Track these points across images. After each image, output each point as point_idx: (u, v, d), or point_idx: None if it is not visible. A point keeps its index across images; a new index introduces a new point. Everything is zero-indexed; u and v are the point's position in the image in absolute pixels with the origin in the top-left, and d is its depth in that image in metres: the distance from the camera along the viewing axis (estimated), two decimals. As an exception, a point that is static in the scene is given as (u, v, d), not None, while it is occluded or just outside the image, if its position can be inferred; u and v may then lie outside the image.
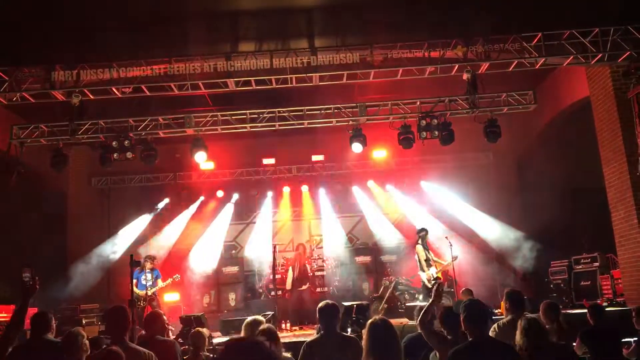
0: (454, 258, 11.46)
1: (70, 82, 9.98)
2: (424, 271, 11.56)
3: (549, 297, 11.41)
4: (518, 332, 4.48)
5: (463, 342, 4.26)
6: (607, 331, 6.24)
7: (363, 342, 3.94)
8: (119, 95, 10.31)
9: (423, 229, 12.03)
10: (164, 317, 6.04)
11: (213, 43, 10.47)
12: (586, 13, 9.65)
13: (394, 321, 9.51)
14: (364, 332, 5.66)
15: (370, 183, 16.46)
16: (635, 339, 6.20)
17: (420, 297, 11.92)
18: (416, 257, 11.83)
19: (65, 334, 5.10)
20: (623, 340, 6.29)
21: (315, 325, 10.57)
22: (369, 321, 4.06)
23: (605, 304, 10.31)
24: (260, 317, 5.40)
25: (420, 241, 11.84)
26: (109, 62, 9.93)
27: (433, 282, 11.32)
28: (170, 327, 10.85)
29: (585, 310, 6.82)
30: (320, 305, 5.10)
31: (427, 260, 11.59)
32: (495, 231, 14.78)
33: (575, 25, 9.65)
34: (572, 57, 9.82)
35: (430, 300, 5.21)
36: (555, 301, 6.70)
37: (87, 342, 5.00)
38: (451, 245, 11.77)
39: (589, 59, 9.82)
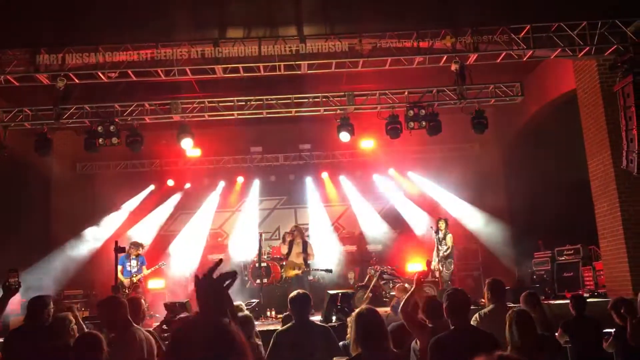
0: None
1: (55, 65, 9.84)
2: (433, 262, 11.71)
3: (532, 288, 11.56)
4: (507, 325, 4.52)
5: (444, 331, 4.30)
6: (589, 322, 6.32)
7: (351, 332, 3.96)
8: (105, 80, 10.20)
9: (438, 220, 12.12)
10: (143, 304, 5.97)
11: (200, 29, 10.36)
12: (575, 6, 9.70)
13: (379, 310, 9.54)
14: (351, 321, 5.70)
15: (358, 172, 16.46)
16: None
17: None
18: None
19: (53, 319, 5.08)
20: (604, 331, 6.37)
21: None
22: (356, 310, 4.08)
23: (586, 295, 10.44)
24: (240, 303, 5.39)
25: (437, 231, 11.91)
26: (95, 45, 9.80)
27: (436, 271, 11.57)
28: (155, 314, 10.86)
29: (567, 301, 6.90)
30: (291, 295, 5.10)
31: (437, 250, 11.70)
32: (480, 222, 14.89)
33: (564, 17, 9.69)
34: (559, 49, 9.86)
35: (412, 289, 5.24)
36: (534, 291, 6.78)
37: (75, 326, 4.99)
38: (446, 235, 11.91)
39: (577, 51, 9.87)
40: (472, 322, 5.23)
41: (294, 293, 5.10)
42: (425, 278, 11.62)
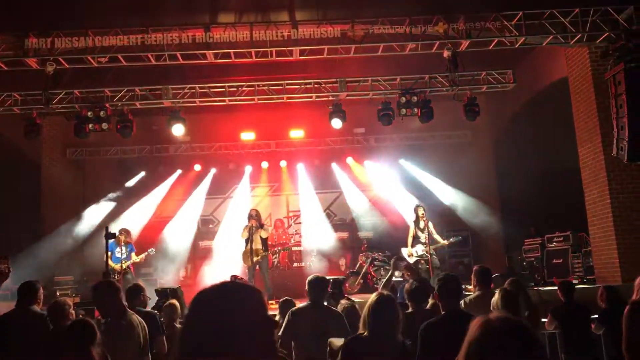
0: (450, 243, 11.48)
1: (45, 49, 9.73)
2: (406, 247, 11.49)
3: (521, 275, 11.65)
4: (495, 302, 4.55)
5: (424, 316, 4.34)
6: (578, 307, 6.37)
7: (364, 312, 3.93)
8: (95, 65, 10.09)
9: (416, 205, 11.69)
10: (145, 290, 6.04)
11: (191, 13, 10.29)
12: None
13: (369, 296, 9.56)
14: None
15: (349, 159, 16.46)
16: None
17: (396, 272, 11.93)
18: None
19: (51, 304, 5.07)
20: (592, 317, 6.44)
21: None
22: (374, 295, 4.04)
23: (575, 281, 10.53)
24: None
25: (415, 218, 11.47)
26: (85, 30, 9.69)
27: (415, 259, 11.20)
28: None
29: (556, 287, 6.96)
30: (309, 278, 5.31)
31: (415, 237, 11.41)
32: (471, 209, 14.95)
33: (556, 4, 9.67)
34: (551, 36, 9.85)
35: (390, 272, 5.33)
36: (517, 278, 6.84)
37: (73, 311, 4.98)
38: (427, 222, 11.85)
39: (568, 39, 9.86)
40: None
41: (312, 276, 5.32)
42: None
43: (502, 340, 1.67)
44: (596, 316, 6.33)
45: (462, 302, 5.47)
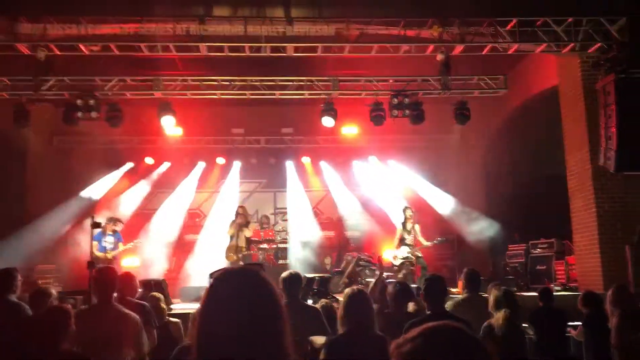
0: (434, 244, 11.53)
1: (36, 35, 9.62)
2: (392, 248, 11.56)
3: (505, 280, 11.73)
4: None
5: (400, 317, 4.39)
6: (552, 312, 6.45)
7: (339, 311, 3.98)
8: (87, 53, 10.00)
9: (404, 207, 11.80)
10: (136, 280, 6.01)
11: (186, 5, 10.21)
12: (561, 2, 9.76)
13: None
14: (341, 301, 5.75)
15: (339, 159, 16.47)
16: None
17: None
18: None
19: (33, 291, 5.00)
20: (571, 323, 6.50)
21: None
22: (346, 290, 4.09)
23: (557, 288, 10.62)
24: None
25: (402, 219, 11.61)
26: (78, 17, 9.60)
27: (400, 261, 11.33)
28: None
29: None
30: (283, 274, 5.21)
31: (402, 239, 11.50)
32: (457, 212, 15.01)
33: (550, 13, 9.74)
34: (544, 44, 9.92)
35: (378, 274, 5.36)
36: (498, 282, 6.92)
37: (55, 301, 4.92)
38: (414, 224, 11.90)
39: (561, 47, 9.94)
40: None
41: (286, 273, 5.22)
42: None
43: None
44: (577, 323, 6.39)
45: (449, 302, 5.52)
